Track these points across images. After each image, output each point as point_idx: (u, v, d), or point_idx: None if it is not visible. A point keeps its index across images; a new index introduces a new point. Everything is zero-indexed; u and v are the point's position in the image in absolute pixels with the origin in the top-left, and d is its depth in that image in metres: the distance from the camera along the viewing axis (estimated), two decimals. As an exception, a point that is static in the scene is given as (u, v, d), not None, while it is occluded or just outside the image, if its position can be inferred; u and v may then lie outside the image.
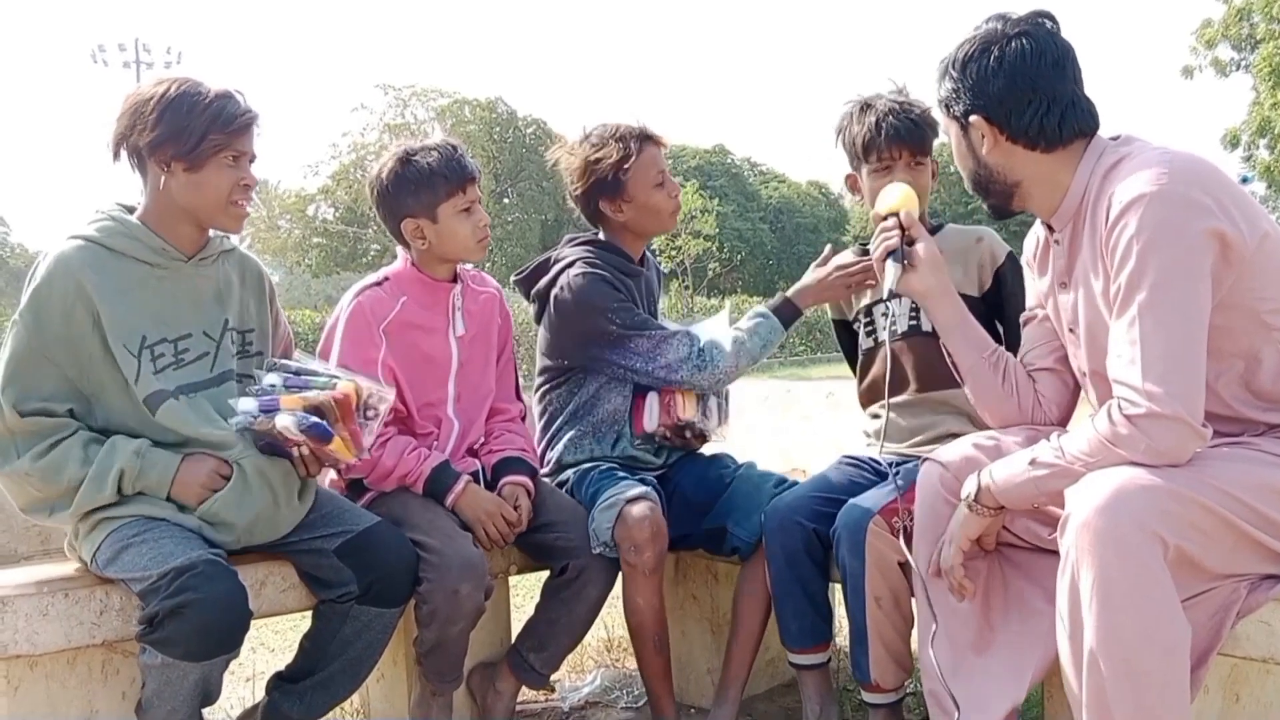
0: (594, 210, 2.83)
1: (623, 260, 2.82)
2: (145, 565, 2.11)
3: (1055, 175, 2.05)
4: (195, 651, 2.07)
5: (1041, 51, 2.00)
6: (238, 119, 2.27)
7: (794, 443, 3.62)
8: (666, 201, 2.81)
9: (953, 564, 2.10)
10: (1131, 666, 1.75)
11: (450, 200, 2.59)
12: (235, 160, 2.28)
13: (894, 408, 2.58)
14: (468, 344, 2.73)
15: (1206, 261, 1.83)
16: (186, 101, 2.23)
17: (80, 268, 2.22)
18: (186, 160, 2.24)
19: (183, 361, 2.31)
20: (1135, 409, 1.81)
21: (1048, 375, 2.27)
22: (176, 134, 2.22)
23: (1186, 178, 1.85)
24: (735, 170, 49.08)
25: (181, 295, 2.33)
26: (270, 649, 3.63)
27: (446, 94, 40.76)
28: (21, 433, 2.21)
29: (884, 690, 2.41)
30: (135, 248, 2.28)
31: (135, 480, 2.22)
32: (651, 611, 2.65)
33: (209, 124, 2.23)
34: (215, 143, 2.24)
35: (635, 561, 2.58)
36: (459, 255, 2.68)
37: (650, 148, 2.78)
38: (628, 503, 2.57)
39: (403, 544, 2.40)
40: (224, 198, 2.28)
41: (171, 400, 2.27)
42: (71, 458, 2.20)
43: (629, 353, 2.69)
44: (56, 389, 2.24)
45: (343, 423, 2.32)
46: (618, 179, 2.74)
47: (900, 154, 2.54)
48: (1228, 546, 1.85)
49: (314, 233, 41.22)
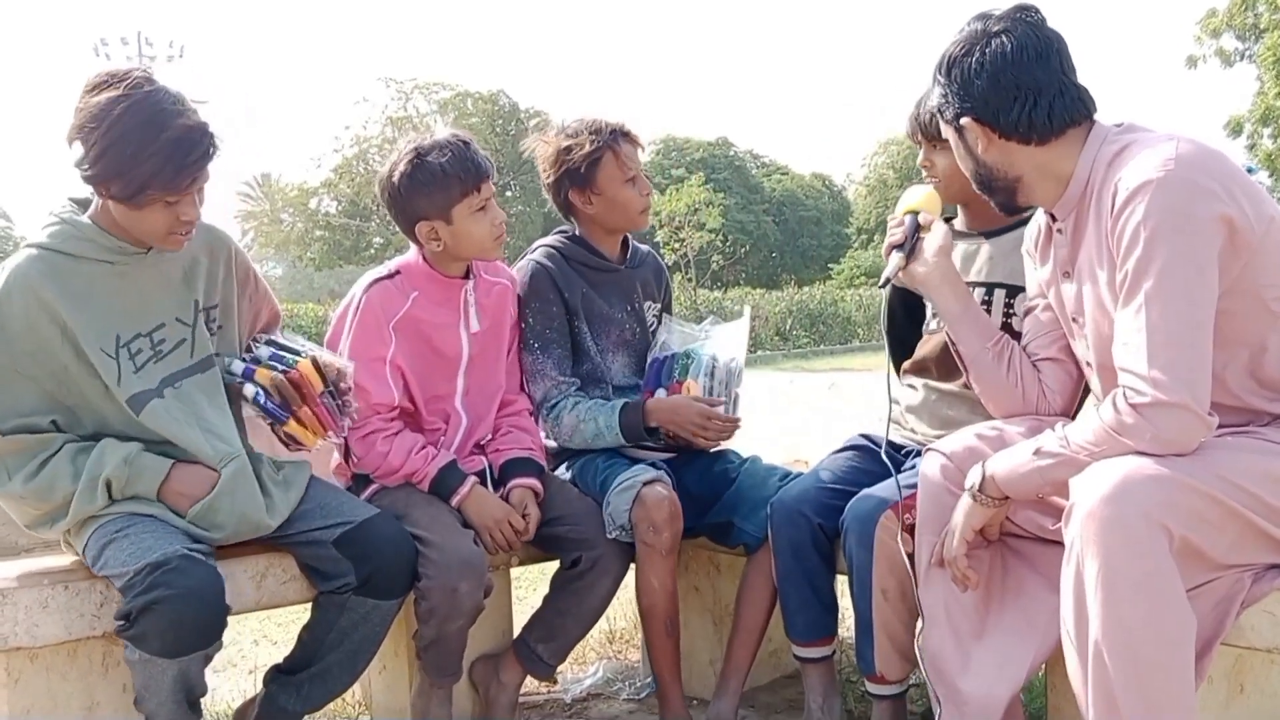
0: (564, 201, 2.84)
1: (591, 255, 2.83)
2: (124, 561, 2.10)
3: (1055, 166, 2.04)
4: (169, 647, 2.06)
5: (1022, 46, 1.99)
6: (182, 173, 2.11)
7: (798, 433, 3.61)
8: (636, 200, 2.80)
9: (956, 554, 2.09)
10: (1136, 656, 1.74)
11: (465, 200, 2.55)
12: (176, 202, 2.15)
13: (939, 394, 2.55)
14: (480, 338, 2.71)
15: (1214, 248, 1.82)
16: (134, 141, 2.06)
17: (38, 280, 2.17)
18: (125, 203, 2.13)
19: (162, 353, 2.28)
20: (1141, 398, 1.80)
21: (1051, 365, 2.26)
22: (116, 175, 2.09)
23: (1193, 163, 1.84)
24: (739, 163, 49.02)
25: (148, 286, 2.28)
26: (273, 641, 3.63)
27: (449, 87, 40.81)
28: (7, 452, 2.20)
29: (888, 682, 2.40)
30: (90, 249, 2.22)
31: (124, 488, 2.21)
32: (665, 593, 2.65)
33: (152, 177, 2.08)
34: (155, 196, 2.12)
35: (653, 542, 2.58)
36: (475, 254, 2.65)
37: (625, 144, 2.77)
38: (645, 485, 2.59)
39: (401, 536, 2.39)
40: (161, 232, 2.20)
41: (155, 400, 2.25)
42: (61, 474, 2.19)
43: (524, 356, 2.80)
44: (36, 403, 2.21)
45: (305, 404, 2.34)
46: (587, 170, 2.75)
47: (919, 138, 2.55)
48: (1233, 536, 1.84)
49: (316, 226, 41.29)
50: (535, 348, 2.78)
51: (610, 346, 2.85)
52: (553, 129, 2.85)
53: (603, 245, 2.86)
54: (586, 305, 2.81)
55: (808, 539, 2.50)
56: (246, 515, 2.28)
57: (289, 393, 2.34)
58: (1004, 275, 2.49)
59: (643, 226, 2.91)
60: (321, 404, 2.37)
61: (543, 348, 2.77)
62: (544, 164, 2.83)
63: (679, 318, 2.99)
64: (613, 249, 2.88)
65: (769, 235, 46.47)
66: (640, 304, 2.91)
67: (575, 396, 2.77)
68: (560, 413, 2.75)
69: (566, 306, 2.79)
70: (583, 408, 2.74)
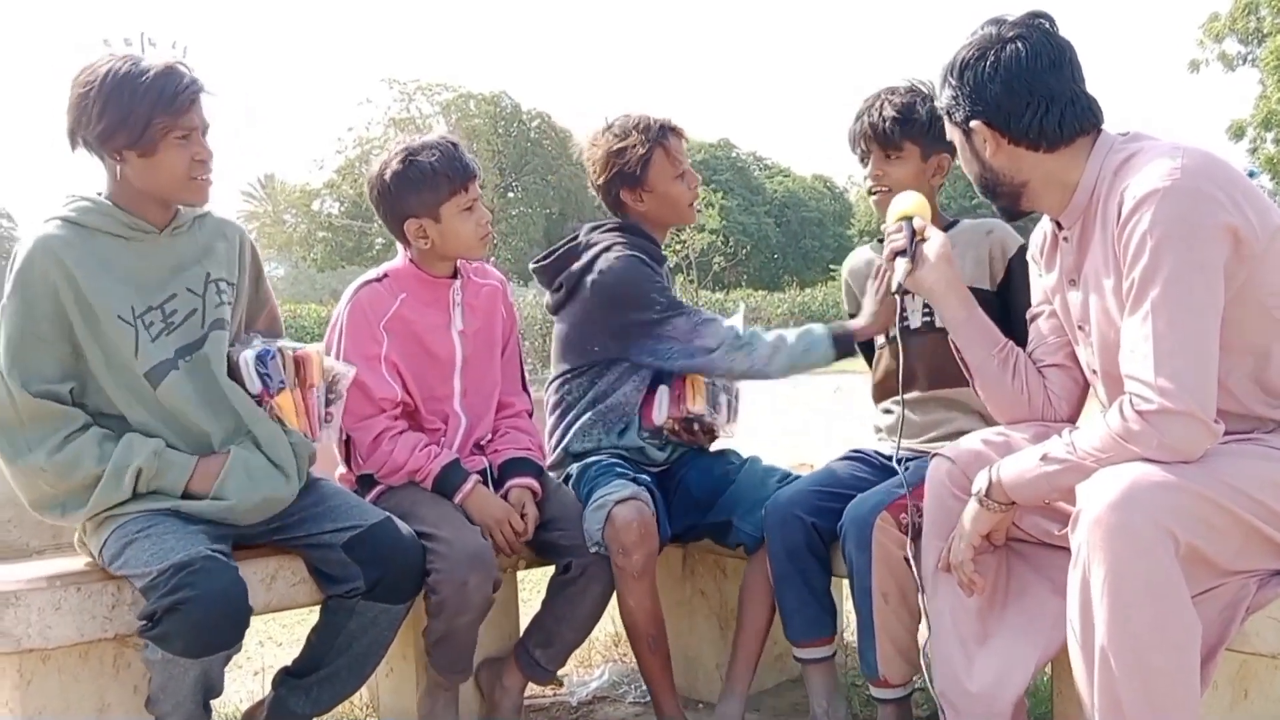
0: (615, 200, 2.85)
1: (653, 246, 2.84)
2: (146, 561, 2.12)
3: (1062, 173, 2.05)
4: (193, 648, 2.08)
5: (1037, 53, 2.00)
6: (180, 95, 2.22)
7: (801, 437, 3.62)
8: (686, 193, 2.83)
9: (963, 559, 2.10)
10: (1142, 662, 1.75)
11: (453, 199, 2.60)
12: (186, 137, 2.25)
13: (906, 404, 2.57)
14: (470, 338, 2.73)
15: (1220, 257, 1.83)
16: (127, 86, 2.19)
17: (61, 246, 2.23)
18: (136, 147, 2.22)
19: (173, 325, 2.31)
20: (1147, 405, 1.81)
21: (1057, 371, 2.27)
22: (122, 122, 2.19)
23: (1199, 172, 1.85)
24: (740, 164, 49.04)
25: (160, 262, 2.33)
26: (278, 643, 3.64)
27: (451, 88, 40.76)
28: (31, 417, 2.21)
29: (892, 685, 2.42)
30: (108, 223, 2.28)
31: (151, 480, 2.23)
32: (643, 613, 2.63)
33: (152, 107, 2.19)
34: (162, 125, 2.21)
35: (623, 564, 2.57)
36: (462, 253, 2.69)
37: (672, 139, 2.80)
38: (616, 504, 2.55)
39: (410, 540, 2.40)
40: (182, 175, 2.27)
41: (174, 373, 2.28)
42: (87, 453, 2.21)
43: (665, 336, 2.69)
44: (56, 369, 2.25)
45: (300, 388, 2.38)
46: (639, 170, 2.76)
47: (869, 148, 2.58)
48: (1238, 543, 1.85)
49: (319, 227, 41.27)
50: (681, 310, 2.70)
51: None
52: (598, 129, 2.85)
53: (655, 237, 2.86)
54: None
55: (802, 540, 2.51)
56: (266, 492, 2.30)
57: (290, 367, 2.38)
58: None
59: (692, 220, 2.94)
60: (312, 396, 2.41)
61: (682, 306, 2.71)
62: (595, 166, 2.84)
63: None
64: (661, 241, 2.89)
65: (770, 237, 46.46)
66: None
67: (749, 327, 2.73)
68: (756, 335, 2.68)
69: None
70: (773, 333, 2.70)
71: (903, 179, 2.54)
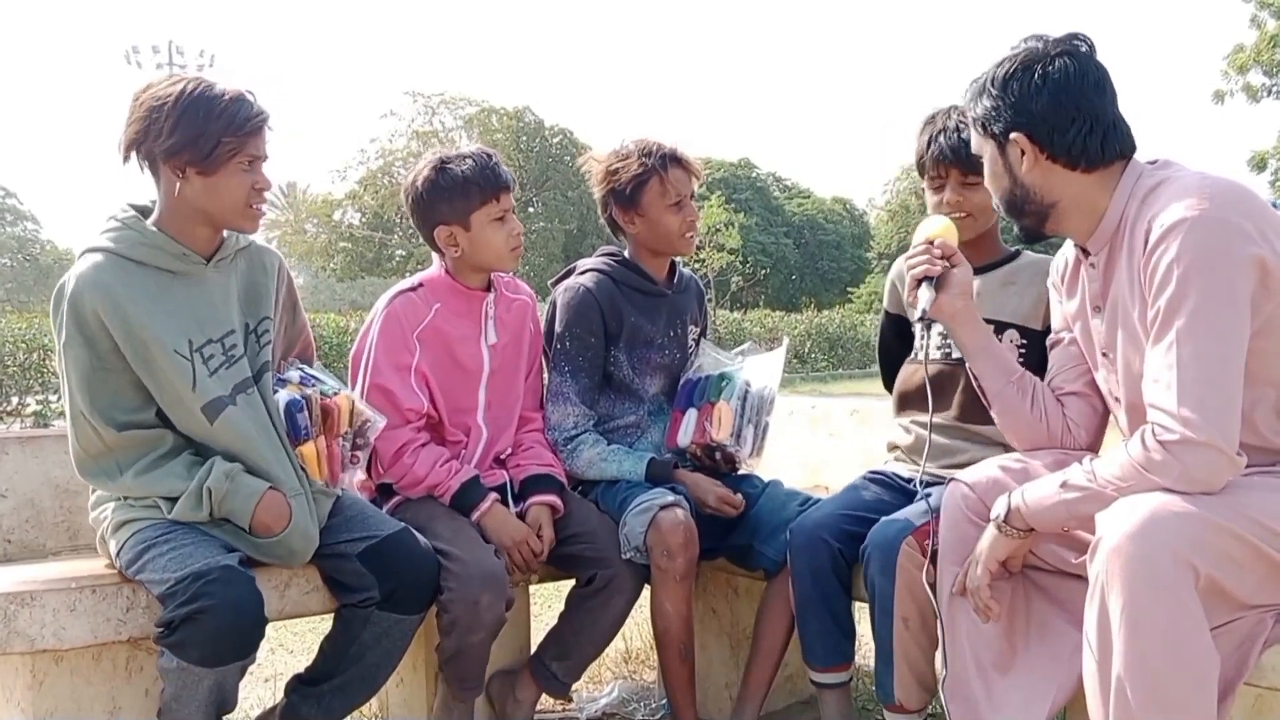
0: (610, 218, 2.88)
1: (639, 279, 2.85)
2: (164, 568, 2.12)
3: (1093, 197, 2.04)
4: (209, 657, 2.08)
5: (1084, 72, 2.00)
6: (250, 121, 2.25)
7: (820, 459, 3.60)
8: (679, 224, 2.81)
9: (979, 585, 2.09)
10: (1159, 695, 1.74)
11: (484, 208, 2.62)
12: (250, 164, 2.27)
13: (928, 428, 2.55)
14: (500, 351, 2.74)
15: (1247, 288, 1.82)
16: (203, 106, 2.21)
17: (110, 282, 2.21)
18: (201, 166, 2.22)
19: (233, 358, 2.31)
20: (1170, 435, 1.80)
21: (1076, 399, 2.25)
22: (193, 140, 2.20)
23: (1227, 203, 1.84)
24: (760, 184, 49.08)
25: (214, 293, 2.32)
26: (290, 650, 3.65)
27: (474, 102, 40.98)
28: (121, 448, 2.23)
29: (907, 711, 2.39)
30: (157, 256, 2.26)
31: (221, 502, 2.22)
32: (679, 618, 2.65)
33: (224, 128, 2.21)
34: (230, 147, 2.22)
35: (667, 567, 2.59)
36: (492, 263, 2.70)
37: (674, 169, 2.79)
38: (662, 509, 2.59)
39: (425, 552, 2.40)
40: (240, 201, 2.28)
41: (230, 408, 2.27)
42: (175, 474, 2.23)
43: (551, 375, 2.83)
44: (135, 396, 2.25)
45: (325, 435, 2.37)
46: (632, 192, 2.78)
47: (948, 172, 2.51)
48: (1259, 576, 1.83)
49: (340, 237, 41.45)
50: (565, 371, 2.79)
51: (648, 370, 2.87)
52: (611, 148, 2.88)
53: (650, 266, 2.88)
54: (630, 332, 2.82)
55: (827, 564, 2.50)
56: (304, 548, 2.33)
57: (317, 417, 2.37)
58: (990, 311, 2.50)
59: (685, 252, 2.94)
60: (338, 445, 2.41)
61: (572, 374, 2.79)
62: (594, 181, 2.88)
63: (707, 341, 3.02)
64: (660, 271, 2.90)
65: (789, 257, 46.46)
66: (683, 329, 2.94)
67: (595, 434, 2.80)
68: (580, 446, 2.77)
69: (607, 337, 2.80)
70: (604, 448, 2.77)
71: (983, 203, 2.44)
